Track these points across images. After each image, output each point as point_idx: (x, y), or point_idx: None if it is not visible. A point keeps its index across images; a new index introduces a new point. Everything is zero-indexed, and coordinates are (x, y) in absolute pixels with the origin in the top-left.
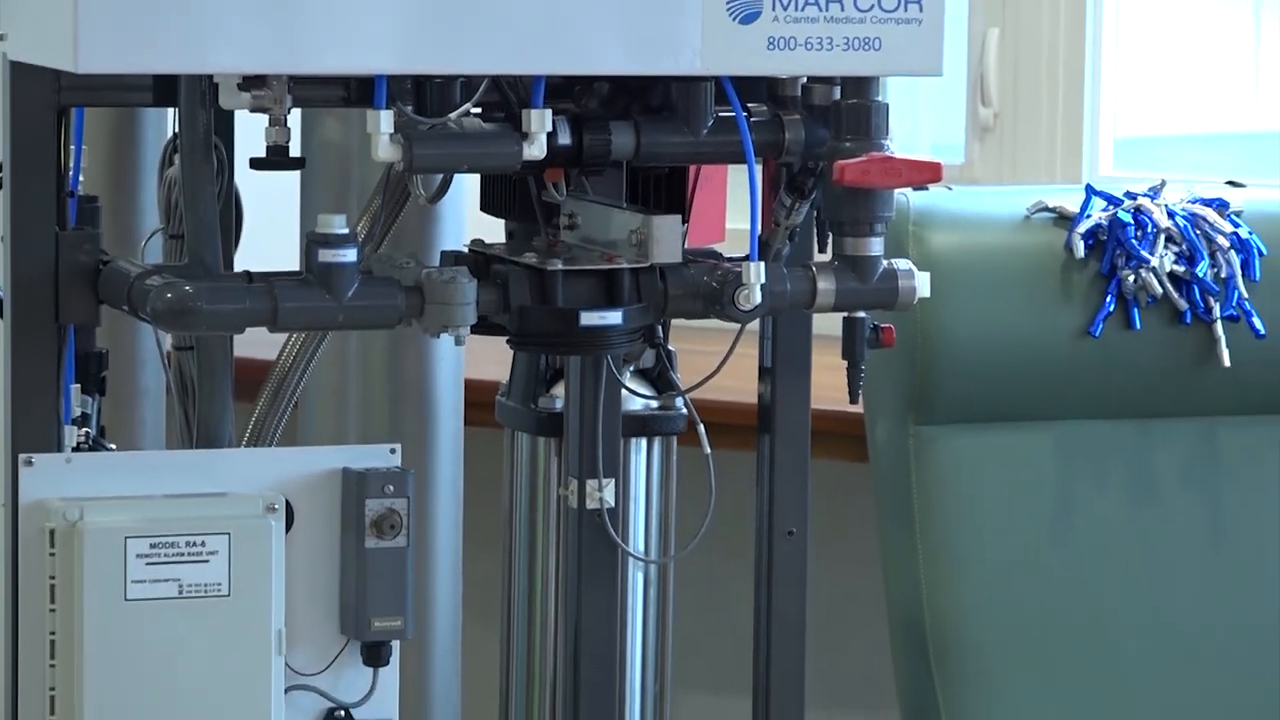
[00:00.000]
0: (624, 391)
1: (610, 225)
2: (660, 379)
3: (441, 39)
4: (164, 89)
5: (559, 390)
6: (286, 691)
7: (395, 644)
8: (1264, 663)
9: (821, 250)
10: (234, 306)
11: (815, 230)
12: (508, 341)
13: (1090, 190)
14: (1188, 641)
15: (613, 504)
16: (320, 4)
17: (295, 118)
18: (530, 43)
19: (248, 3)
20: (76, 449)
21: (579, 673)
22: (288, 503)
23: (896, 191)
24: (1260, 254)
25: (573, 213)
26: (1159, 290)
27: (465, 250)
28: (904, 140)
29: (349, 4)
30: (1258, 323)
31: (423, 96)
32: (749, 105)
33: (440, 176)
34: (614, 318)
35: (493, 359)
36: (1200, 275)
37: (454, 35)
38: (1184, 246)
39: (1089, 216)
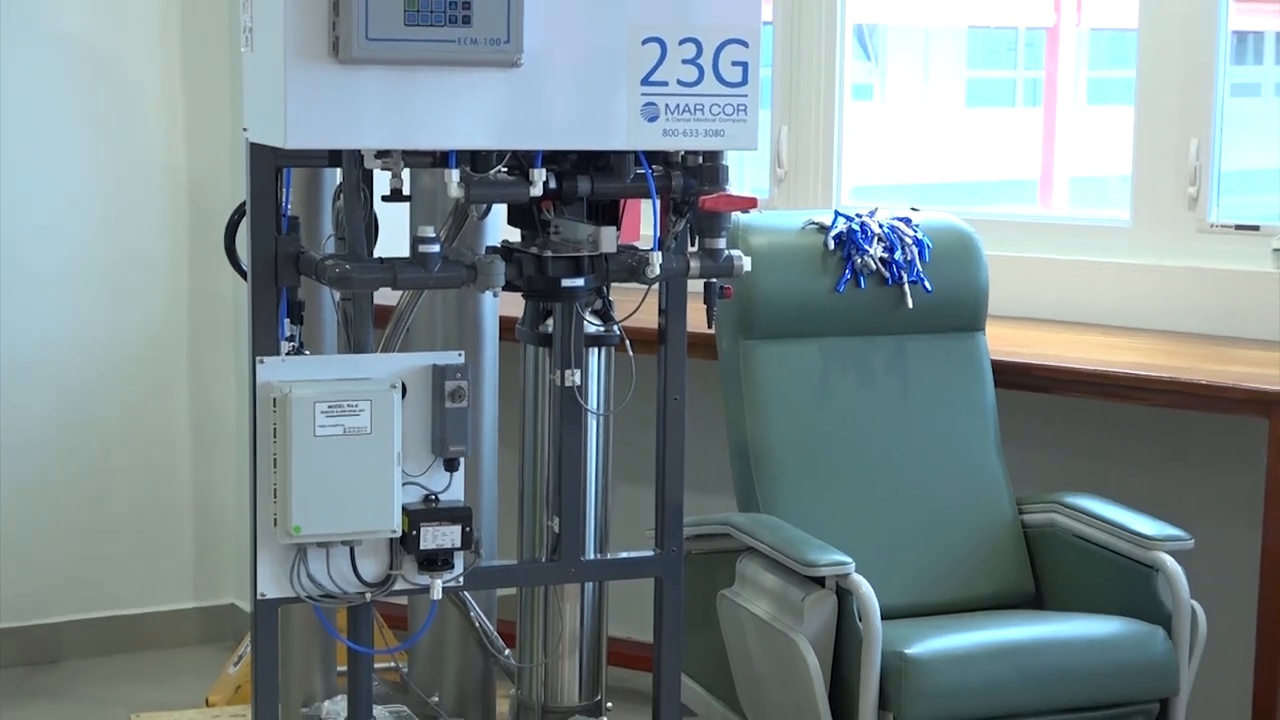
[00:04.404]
0: (585, 321)
1: (578, 232)
2: (605, 315)
3: (487, 132)
4: (334, 156)
5: (550, 322)
6: (404, 485)
7: (461, 460)
8: (932, 471)
9: (692, 245)
10: (372, 275)
11: (689, 234)
12: (522, 295)
13: (837, 213)
14: (891, 458)
15: (579, 383)
16: (418, 113)
17: (406, 173)
18: (534, 132)
19: (379, 112)
20: (288, 355)
21: (561, 475)
22: (403, 383)
23: (733, 213)
24: (929, 247)
25: (557, 225)
26: (874, 267)
27: (499, 245)
28: (737, 184)
29: (435, 114)
30: (928, 284)
31: (475, 161)
32: (653, 165)
33: (485, 205)
34: (580, 282)
35: (514, 305)
36: (896, 259)
37: (493, 129)
38: (888, 243)
39: (836, 227)
